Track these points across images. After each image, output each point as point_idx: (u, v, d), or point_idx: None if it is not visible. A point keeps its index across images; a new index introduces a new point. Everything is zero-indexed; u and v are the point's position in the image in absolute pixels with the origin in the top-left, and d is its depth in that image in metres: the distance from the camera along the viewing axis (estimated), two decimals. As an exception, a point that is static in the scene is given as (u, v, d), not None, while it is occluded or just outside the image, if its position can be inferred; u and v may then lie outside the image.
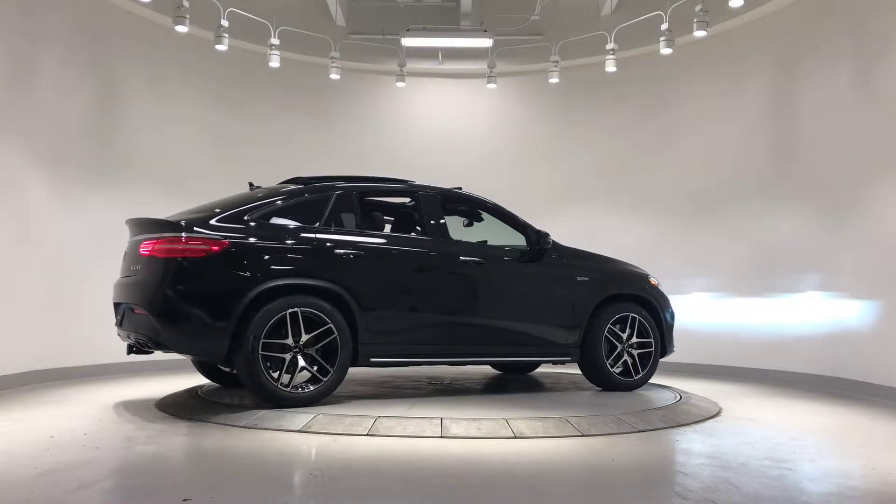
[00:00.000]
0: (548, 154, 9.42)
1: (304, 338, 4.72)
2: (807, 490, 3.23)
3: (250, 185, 5.64)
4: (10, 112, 6.32)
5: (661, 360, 6.10)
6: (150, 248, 4.75)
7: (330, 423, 4.36)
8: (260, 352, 4.59)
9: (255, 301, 4.62)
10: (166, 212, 8.05)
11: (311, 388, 4.76)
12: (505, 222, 5.90)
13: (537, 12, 9.07)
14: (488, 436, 4.22)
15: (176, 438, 4.19)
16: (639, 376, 5.90)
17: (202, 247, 4.59)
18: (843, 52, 7.04)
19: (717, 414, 5.28)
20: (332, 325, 4.78)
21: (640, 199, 8.92)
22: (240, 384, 5.41)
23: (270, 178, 8.16)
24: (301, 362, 4.72)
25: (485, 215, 6.05)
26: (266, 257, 4.74)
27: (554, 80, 8.73)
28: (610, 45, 8.19)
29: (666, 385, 6.40)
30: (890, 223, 6.30)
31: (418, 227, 5.62)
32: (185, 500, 2.91)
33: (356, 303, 4.90)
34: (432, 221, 5.47)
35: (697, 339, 6.09)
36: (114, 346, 7.43)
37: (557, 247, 5.83)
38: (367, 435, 4.18)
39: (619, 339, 5.85)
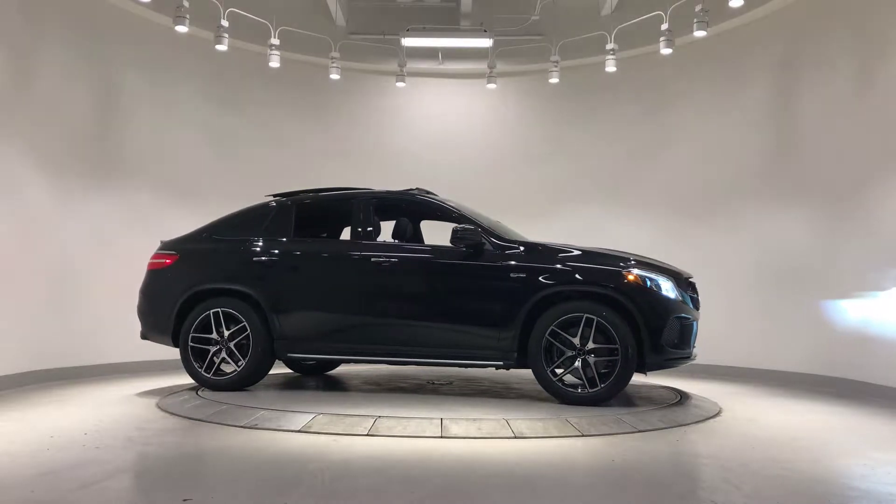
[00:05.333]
0: (548, 154, 9.42)
1: (226, 333, 5.61)
2: (807, 491, 3.23)
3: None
4: (11, 112, 6.32)
5: (660, 369, 5.21)
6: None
7: (330, 423, 4.37)
8: (190, 343, 5.65)
9: (190, 302, 5.71)
10: (164, 211, 8.06)
11: (228, 375, 5.63)
12: (451, 221, 5.61)
13: (537, 12, 9.08)
14: (488, 436, 4.22)
15: (176, 438, 4.18)
16: (595, 389, 4.96)
17: (162, 260, 5.95)
18: (843, 52, 7.04)
19: (717, 414, 5.28)
20: (245, 323, 5.58)
21: (640, 198, 8.91)
22: (315, 371, 7.05)
23: (268, 176, 8.16)
24: (223, 354, 5.64)
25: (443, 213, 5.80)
26: (200, 266, 5.86)
27: (554, 80, 8.73)
28: (610, 45, 8.19)
29: (666, 385, 6.40)
30: (889, 223, 6.30)
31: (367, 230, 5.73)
32: (185, 500, 2.91)
33: (267, 303, 5.57)
34: (362, 224, 5.69)
35: (698, 339, 6.07)
36: (114, 346, 7.41)
37: (507, 242, 5.33)
38: (367, 435, 4.19)
39: (570, 344, 5.00)
